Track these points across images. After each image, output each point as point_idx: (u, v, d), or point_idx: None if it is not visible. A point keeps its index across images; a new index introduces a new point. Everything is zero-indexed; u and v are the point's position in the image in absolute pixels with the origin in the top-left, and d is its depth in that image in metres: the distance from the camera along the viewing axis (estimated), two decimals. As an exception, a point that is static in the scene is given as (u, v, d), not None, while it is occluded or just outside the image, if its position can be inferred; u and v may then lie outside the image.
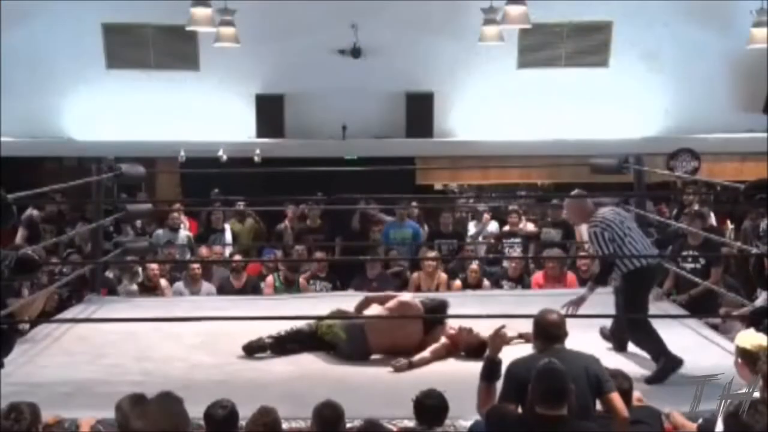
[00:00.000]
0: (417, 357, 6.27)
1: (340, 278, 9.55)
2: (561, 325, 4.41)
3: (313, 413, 4.29)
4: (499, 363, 4.18)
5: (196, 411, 4.62)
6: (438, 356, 6.37)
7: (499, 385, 4.19)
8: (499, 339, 4.29)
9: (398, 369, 6.12)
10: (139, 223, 10.50)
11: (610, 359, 6.17)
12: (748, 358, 4.34)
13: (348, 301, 7.83)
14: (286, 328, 6.59)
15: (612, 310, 6.48)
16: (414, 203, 10.91)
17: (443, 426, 4.52)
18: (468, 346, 6.42)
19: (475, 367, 5.82)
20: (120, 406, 4.35)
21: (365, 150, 12.67)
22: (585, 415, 3.99)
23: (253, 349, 6.49)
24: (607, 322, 6.69)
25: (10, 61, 12.35)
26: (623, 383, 4.51)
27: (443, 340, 6.46)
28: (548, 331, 4.33)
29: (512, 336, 6.53)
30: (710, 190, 11.39)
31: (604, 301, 6.59)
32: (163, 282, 9.20)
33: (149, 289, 9.06)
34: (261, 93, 12.86)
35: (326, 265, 9.49)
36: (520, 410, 4.01)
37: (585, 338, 6.80)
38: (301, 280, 9.29)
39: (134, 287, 9.17)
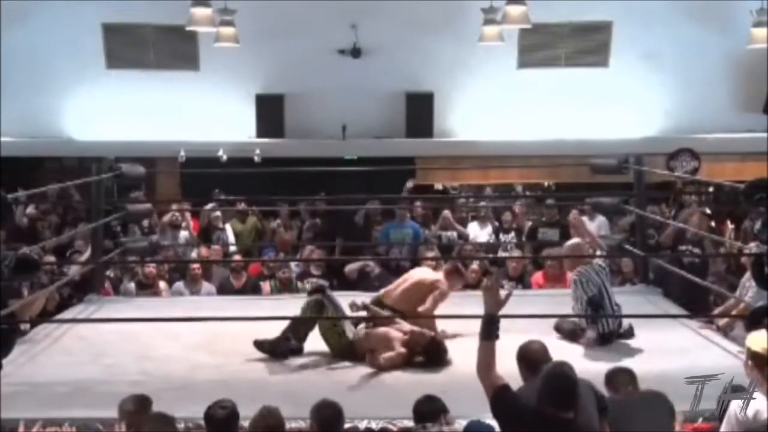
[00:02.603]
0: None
1: (337, 278, 9.55)
2: (546, 351, 4.34)
3: (311, 413, 4.29)
4: (497, 319, 4.05)
5: (196, 411, 4.64)
6: (394, 364, 6.33)
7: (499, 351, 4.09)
8: (491, 292, 4.13)
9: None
10: (146, 222, 10.53)
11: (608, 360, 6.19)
12: (758, 360, 4.30)
13: (345, 301, 7.83)
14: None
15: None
16: (417, 203, 10.93)
17: (441, 426, 4.51)
18: (423, 347, 6.39)
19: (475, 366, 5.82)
20: (122, 407, 4.37)
21: (365, 150, 12.67)
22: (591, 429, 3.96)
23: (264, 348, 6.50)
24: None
25: (10, 61, 12.33)
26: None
27: (399, 348, 6.39)
28: (536, 359, 4.24)
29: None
30: (709, 190, 11.43)
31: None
32: (162, 284, 9.20)
33: (146, 286, 9.07)
34: (261, 93, 12.85)
35: (320, 264, 9.49)
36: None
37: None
38: (297, 282, 9.33)
39: (131, 285, 9.19)
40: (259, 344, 6.48)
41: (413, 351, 6.35)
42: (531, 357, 4.27)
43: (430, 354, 6.32)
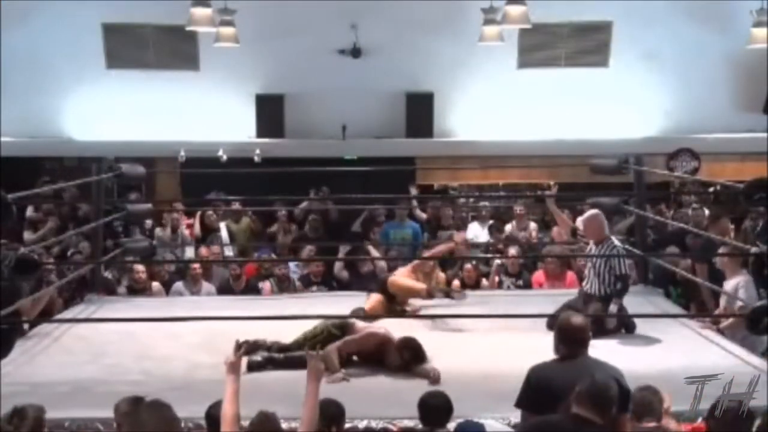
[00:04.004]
0: None
1: (337, 283, 9.55)
2: (587, 329, 4.22)
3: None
4: None
5: (196, 411, 4.64)
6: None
7: None
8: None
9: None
10: (148, 223, 10.53)
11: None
12: None
13: (345, 301, 7.87)
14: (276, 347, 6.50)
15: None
16: (415, 203, 10.94)
17: (445, 428, 4.50)
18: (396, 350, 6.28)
19: (474, 367, 5.85)
20: (118, 407, 4.36)
21: (365, 150, 12.66)
22: None
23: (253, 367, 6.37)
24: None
25: (10, 61, 12.33)
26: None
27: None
28: (575, 336, 4.15)
29: None
30: (709, 190, 11.42)
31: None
32: (155, 285, 9.19)
33: (137, 291, 9.07)
34: (261, 93, 12.85)
35: (321, 272, 9.48)
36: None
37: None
38: (298, 284, 9.34)
39: (123, 289, 9.21)
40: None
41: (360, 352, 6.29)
42: (570, 333, 4.15)
43: (405, 358, 6.15)
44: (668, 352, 6.43)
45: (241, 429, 4.33)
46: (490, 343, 6.66)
